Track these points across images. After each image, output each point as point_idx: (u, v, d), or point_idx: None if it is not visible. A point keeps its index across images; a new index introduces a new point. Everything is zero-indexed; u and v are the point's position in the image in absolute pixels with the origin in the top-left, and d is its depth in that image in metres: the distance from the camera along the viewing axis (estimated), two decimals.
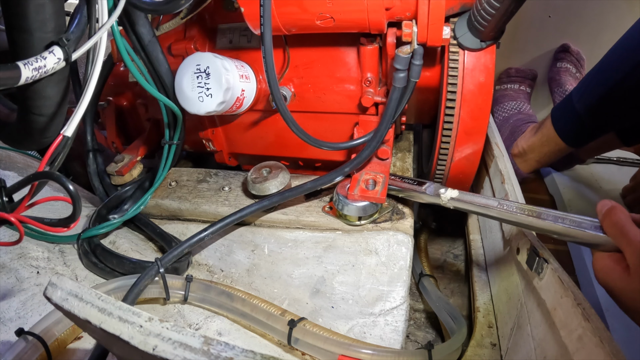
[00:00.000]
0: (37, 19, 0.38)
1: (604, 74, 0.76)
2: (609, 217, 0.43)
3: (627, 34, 0.75)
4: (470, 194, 0.54)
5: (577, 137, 0.84)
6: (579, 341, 0.38)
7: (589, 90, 0.79)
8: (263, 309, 0.52)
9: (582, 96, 0.80)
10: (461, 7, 0.56)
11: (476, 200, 0.53)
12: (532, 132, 0.92)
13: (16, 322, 0.51)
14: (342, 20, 0.53)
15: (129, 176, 0.74)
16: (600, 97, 0.76)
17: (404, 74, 0.54)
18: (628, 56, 0.72)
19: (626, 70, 0.71)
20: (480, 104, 0.58)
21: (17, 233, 0.39)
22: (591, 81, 0.79)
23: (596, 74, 0.78)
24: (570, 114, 0.82)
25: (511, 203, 0.50)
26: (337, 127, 0.68)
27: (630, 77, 0.71)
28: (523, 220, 0.48)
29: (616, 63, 0.74)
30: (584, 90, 0.80)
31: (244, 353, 0.29)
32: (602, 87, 0.76)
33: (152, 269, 0.52)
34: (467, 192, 0.55)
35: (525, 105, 1.10)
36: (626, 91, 0.73)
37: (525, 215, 0.48)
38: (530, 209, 0.48)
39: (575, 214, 0.47)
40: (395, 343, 0.53)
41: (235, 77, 0.58)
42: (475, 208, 0.53)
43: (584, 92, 0.80)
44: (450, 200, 0.54)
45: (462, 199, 0.54)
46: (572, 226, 0.45)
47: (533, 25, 1.16)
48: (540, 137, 0.89)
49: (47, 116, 0.45)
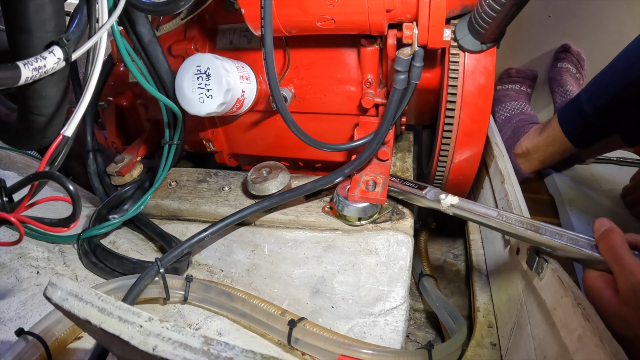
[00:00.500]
0: (37, 18, 0.38)
1: (615, 75, 0.76)
2: (605, 240, 0.44)
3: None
4: (470, 202, 0.54)
5: (584, 138, 0.84)
6: (579, 341, 0.38)
7: (599, 91, 0.79)
8: (263, 309, 0.52)
9: (591, 97, 0.80)
10: (462, 9, 0.56)
11: (476, 209, 0.53)
12: (537, 132, 0.93)
13: (16, 322, 0.51)
14: (343, 22, 0.53)
15: (129, 176, 0.74)
16: (611, 98, 0.76)
17: (404, 75, 0.54)
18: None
19: (638, 72, 0.71)
20: (480, 106, 0.58)
21: (17, 233, 0.39)
22: (601, 82, 0.79)
23: (607, 75, 0.78)
24: (579, 114, 0.82)
25: (510, 215, 0.51)
26: (337, 128, 0.68)
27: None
28: (521, 233, 0.49)
29: (629, 64, 0.74)
30: (594, 90, 0.80)
31: (244, 353, 0.29)
32: (613, 88, 0.76)
33: (152, 269, 0.52)
34: (467, 200, 0.55)
35: (526, 105, 1.10)
36: (637, 93, 0.73)
37: (524, 228, 0.49)
38: (529, 223, 0.49)
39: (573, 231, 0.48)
40: (395, 343, 0.53)
41: (235, 78, 0.58)
42: (474, 217, 0.53)
43: (593, 93, 0.80)
44: (450, 207, 0.55)
45: (461, 207, 0.54)
46: (569, 243, 0.46)
47: (533, 26, 1.16)
48: (545, 137, 0.89)
49: (47, 116, 0.45)
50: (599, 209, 0.93)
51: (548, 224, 0.48)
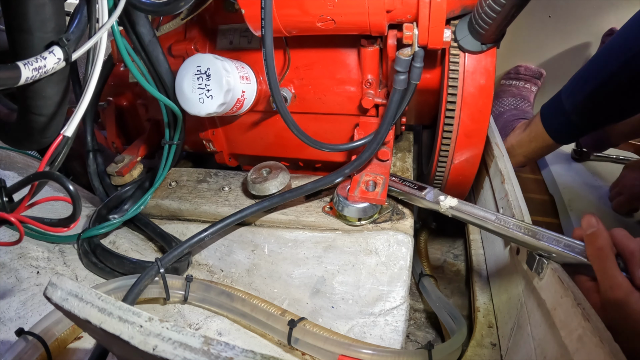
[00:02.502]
0: (37, 19, 0.38)
1: (591, 72, 0.77)
2: (591, 244, 0.44)
3: (617, 34, 0.76)
4: (469, 205, 0.55)
5: (564, 134, 0.85)
6: (579, 341, 0.38)
7: (577, 88, 0.79)
8: (263, 309, 0.52)
9: (570, 94, 0.81)
10: (462, 10, 0.56)
11: (474, 212, 0.54)
12: (522, 128, 0.93)
13: (16, 322, 0.51)
14: (343, 23, 0.53)
15: (129, 176, 0.74)
16: (588, 94, 0.77)
17: (404, 76, 0.54)
18: (615, 55, 0.72)
19: (613, 69, 0.72)
20: (480, 106, 0.58)
21: (17, 233, 0.39)
22: (579, 79, 0.80)
23: (585, 72, 0.79)
24: (558, 111, 0.83)
25: (509, 219, 0.51)
26: (337, 129, 0.68)
27: (617, 76, 0.72)
28: (519, 238, 0.50)
29: (604, 62, 0.75)
30: (572, 88, 0.81)
31: (244, 353, 0.29)
32: (590, 84, 0.76)
33: (153, 269, 0.52)
34: (466, 202, 0.55)
35: (524, 102, 1.11)
36: (613, 89, 0.73)
37: (522, 233, 0.49)
38: (527, 227, 0.50)
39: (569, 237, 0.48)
40: (396, 343, 0.53)
41: (235, 78, 0.58)
42: (472, 219, 0.54)
43: (572, 90, 0.81)
44: (449, 209, 0.55)
45: (460, 209, 0.55)
46: (566, 250, 0.46)
47: (533, 26, 1.16)
48: (529, 133, 0.90)
49: (47, 116, 0.45)
50: (598, 208, 0.93)
51: (545, 230, 0.49)
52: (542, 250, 0.48)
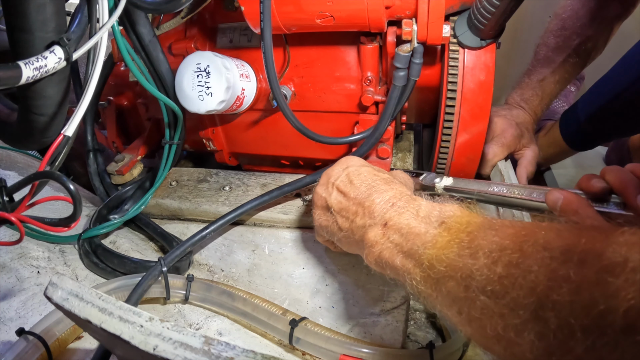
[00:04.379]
0: (38, 18, 0.38)
1: (604, 86, 0.82)
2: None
3: (630, 50, 0.79)
4: (463, 180, 0.55)
5: (579, 142, 0.90)
6: None
7: (591, 100, 0.84)
8: (264, 309, 0.52)
9: (585, 105, 0.86)
10: (461, 6, 0.56)
11: (469, 187, 0.54)
12: (544, 132, 0.99)
13: (16, 322, 0.51)
14: (342, 19, 0.53)
15: (129, 175, 0.74)
16: (599, 107, 0.82)
17: (404, 72, 0.54)
18: (627, 72, 0.77)
19: (623, 85, 0.77)
20: (480, 102, 0.58)
21: (18, 233, 0.39)
22: (593, 92, 0.85)
23: (598, 85, 0.84)
24: (574, 120, 0.88)
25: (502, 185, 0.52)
26: (337, 126, 0.68)
27: (627, 92, 0.76)
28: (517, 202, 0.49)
29: (616, 77, 0.80)
30: (587, 99, 0.86)
31: (244, 353, 0.29)
32: (602, 98, 0.81)
33: (156, 268, 0.52)
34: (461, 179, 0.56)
35: (558, 101, 1.13)
36: (623, 104, 0.78)
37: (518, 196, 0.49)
38: (521, 187, 0.50)
39: None
40: (396, 343, 0.53)
41: (235, 76, 0.58)
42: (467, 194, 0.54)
43: (586, 101, 0.85)
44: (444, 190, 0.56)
45: (456, 186, 0.55)
46: None
47: (533, 26, 1.15)
48: (548, 138, 0.95)
49: (47, 116, 0.45)
50: None
51: (542, 187, 0.49)
52: (539, 210, 0.47)
